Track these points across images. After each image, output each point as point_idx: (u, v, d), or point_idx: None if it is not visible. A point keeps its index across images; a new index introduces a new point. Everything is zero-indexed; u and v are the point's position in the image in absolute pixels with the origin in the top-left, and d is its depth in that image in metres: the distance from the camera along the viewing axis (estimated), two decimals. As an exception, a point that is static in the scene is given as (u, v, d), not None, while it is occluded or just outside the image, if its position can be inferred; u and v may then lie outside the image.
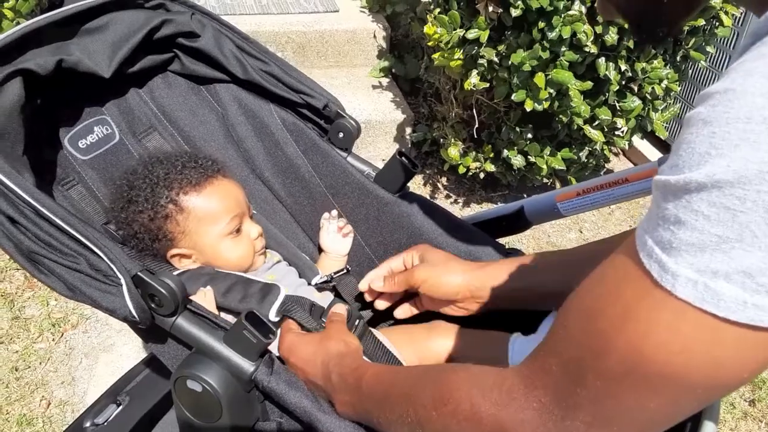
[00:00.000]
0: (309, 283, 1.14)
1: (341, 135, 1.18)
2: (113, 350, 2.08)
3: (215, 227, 1.07)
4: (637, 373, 0.47)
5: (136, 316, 0.84)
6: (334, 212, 1.20)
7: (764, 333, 0.42)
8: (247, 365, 0.83)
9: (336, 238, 1.19)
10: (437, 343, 1.05)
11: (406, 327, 1.10)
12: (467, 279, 0.99)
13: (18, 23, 1.77)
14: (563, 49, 2.05)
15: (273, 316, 0.98)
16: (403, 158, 1.13)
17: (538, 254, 1.01)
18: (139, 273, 0.83)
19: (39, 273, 0.87)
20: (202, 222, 1.07)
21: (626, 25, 0.67)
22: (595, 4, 0.69)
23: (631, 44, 2.11)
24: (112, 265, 0.82)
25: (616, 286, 0.49)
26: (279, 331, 0.96)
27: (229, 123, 1.24)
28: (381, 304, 1.09)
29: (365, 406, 0.79)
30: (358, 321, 1.03)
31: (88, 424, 1.21)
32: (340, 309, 1.02)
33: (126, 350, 2.07)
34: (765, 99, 0.40)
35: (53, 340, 2.10)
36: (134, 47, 1.10)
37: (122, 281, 0.82)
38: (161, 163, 1.09)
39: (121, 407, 1.26)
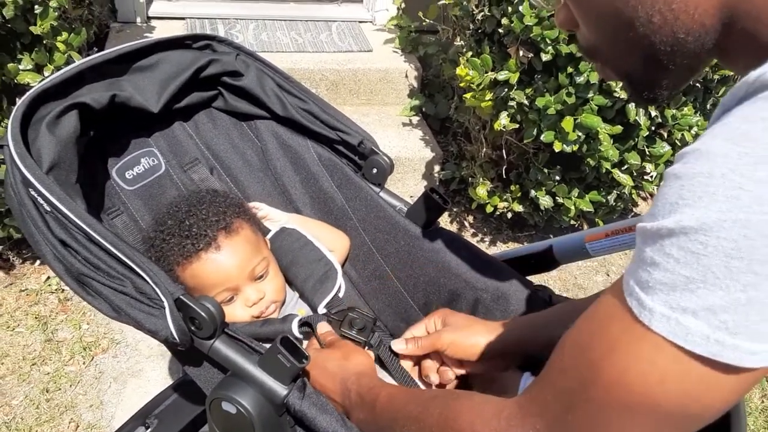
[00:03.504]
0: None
1: (375, 171, 1.23)
2: (141, 375, 2.12)
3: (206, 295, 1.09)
4: (621, 402, 0.52)
5: (177, 338, 0.88)
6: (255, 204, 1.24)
7: (724, 368, 0.47)
8: (280, 389, 0.87)
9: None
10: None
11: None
12: (491, 342, 1.02)
13: (69, 56, 1.86)
14: (591, 94, 2.09)
15: (296, 332, 1.03)
16: (434, 194, 1.17)
17: (556, 308, 1.05)
18: (181, 296, 0.87)
19: (86, 294, 0.92)
20: (193, 291, 1.09)
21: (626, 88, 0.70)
22: (595, 67, 0.72)
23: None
24: (156, 288, 0.87)
25: (604, 322, 0.54)
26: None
27: (267, 157, 1.29)
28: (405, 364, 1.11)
29: (378, 424, 0.84)
30: (374, 333, 1.07)
31: (118, 445, 1.24)
32: (324, 327, 1.07)
33: (154, 376, 2.11)
34: (724, 158, 0.46)
35: (84, 363, 2.15)
36: (182, 85, 1.17)
37: (165, 304, 0.87)
38: (174, 218, 1.11)
39: (149, 430, 1.29)
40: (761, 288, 0.44)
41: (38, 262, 2.40)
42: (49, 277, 2.37)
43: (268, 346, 0.89)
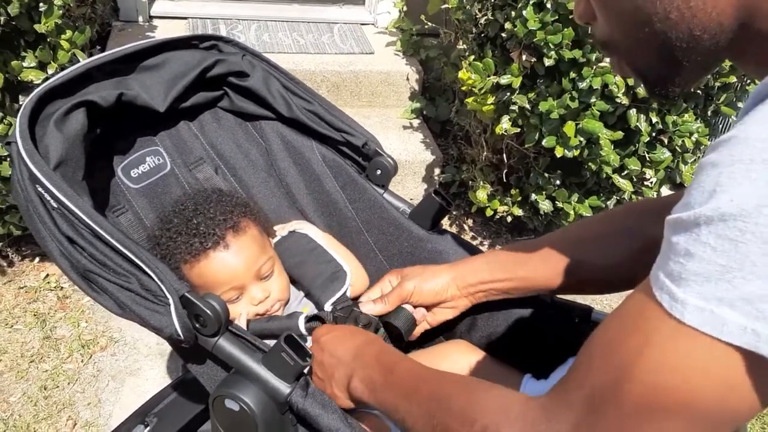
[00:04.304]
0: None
1: (379, 172, 1.23)
2: (140, 374, 2.12)
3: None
4: (655, 400, 0.51)
5: (181, 335, 0.88)
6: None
7: (760, 360, 0.46)
8: (283, 387, 0.87)
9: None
10: (455, 365, 1.08)
11: (428, 349, 1.15)
12: (452, 276, 1.06)
13: (73, 54, 1.86)
14: (593, 99, 2.10)
15: (303, 329, 1.04)
16: (438, 196, 1.17)
17: (517, 245, 1.08)
18: (186, 294, 0.88)
19: (91, 291, 0.93)
20: (198, 289, 1.09)
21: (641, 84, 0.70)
22: (609, 62, 0.72)
23: (660, 96, 2.15)
24: (161, 285, 0.87)
25: (634, 319, 0.53)
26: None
27: (272, 157, 1.30)
28: None
29: (389, 391, 0.83)
30: (378, 330, 1.09)
31: (116, 443, 1.24)
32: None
33: (152, 374, 2.11)
34: (764, 143, 0.45)
35: (82, 361, 2.15)
36: (188, 84, 1.17)
37: (170, 301, 0.87)
38: (180, 216, 1.11)
39: (148, 428, 1.30)
40: None
41: (37, 259, 2.41)
42: (48, 275, 2.37)
43: (271, 343, 0.90)
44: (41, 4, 1.76)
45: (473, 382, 0.87)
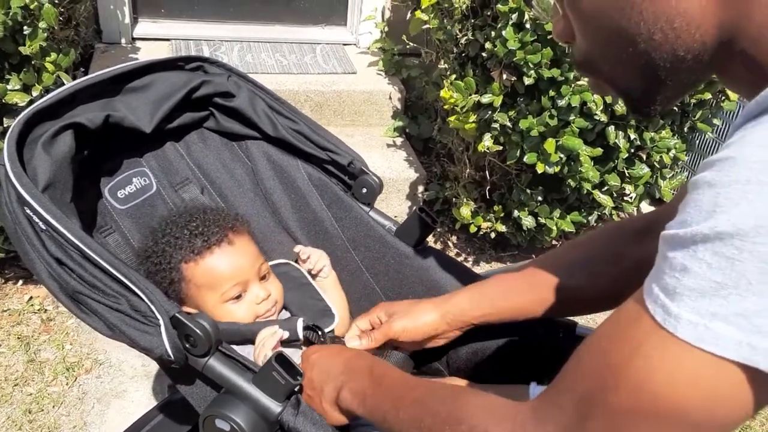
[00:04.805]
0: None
1: (364, 190, 1.25)
2: (125, 396, 2.10)
3: (214, 294, 1.12)
4: (643, 406, 0.52)
5: (172, 356, 0.88)
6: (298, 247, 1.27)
7: (754, 373, 0.47)
8: (274, 406, 0.88)
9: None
10: None
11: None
12: (440, 314, 1.06)
13: (58, 76, 1.87)
14: (572, 116, 2.13)
15: (300, 334, 1.06)
16: (423, 214, 1.19)
17: (500, 276, 1.09)
18: (176, 314, 0.88)
19: (80, 312, 0.93)
20: (201, 289, 1.12)
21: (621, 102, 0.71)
22: (587, 81, 0.73)
23: (638, 113, 2.19)
24: (151, 306, 0.88)
25: (626, 329, 0.54)
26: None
27: (258, 177, 1.31)
28: None
29: (379, 398, 0.84)
30: None
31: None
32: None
33: (138, 396, 2.09)
34: (760, 164, 0.47)
35: (67, 384, 2.13)
36: (174, 105, 1.18)
37: (161, 321, 0.88)
38: (176, 224, 1.13)
39: (135, 450, 1.29)
40: None
41: (21, 282, 2.39)
42: (31, 297, 2.35)
43: (260, 359, 0.90)
44: (26, 27, 1.77)
45: (461, 388, 0.88)
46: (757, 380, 0.48)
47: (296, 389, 0.90)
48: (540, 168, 2.21)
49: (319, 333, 1.07)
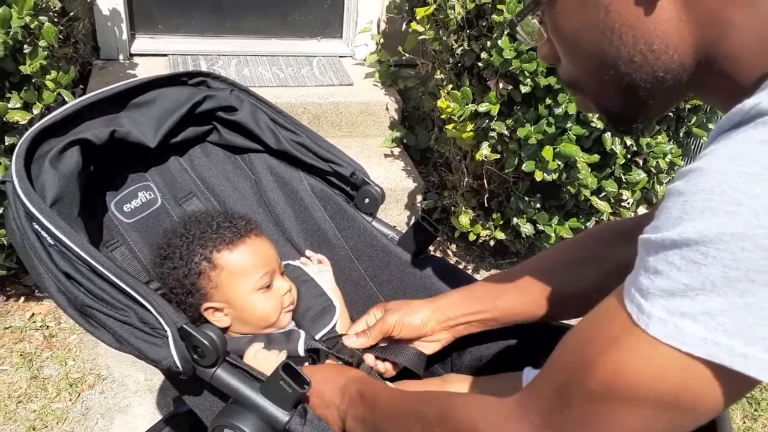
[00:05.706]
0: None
1: (367, 201, 1.26)
2: (129, 411, 2.10)
3: (247, 281, 1.13)
4: (618, 394, 0.56)
5: (180, 367, 0.89)
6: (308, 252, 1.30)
7: (718, 370, 0.50)
8: (281, 415, 0.88)
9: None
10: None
11: (420, 382, 1.17)
12: (431, 310, 1.10)
13: (59, 94, 1.88)
14: (569, 124, 2.16)
15: (301, 351, 1.07)
16: (425, 222, 1.21)
17: (491, 278, 1.13)
18: (184, 325, 0.89)
19: (89, 325, 0.94)
20: (234, 276, 1.13)
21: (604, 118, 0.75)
22: (575, 99, 0.77)
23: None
24: (159, 318, 0.89)
25: (605, 322, 0.59)
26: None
27: (261, 189, 1.32)
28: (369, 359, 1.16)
29: (376, 418, 0.87)
30: (360, 364, 1.12)
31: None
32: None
33: (142, 411, 2.09)
34: (724, 176, 0.50)
35: (70, 400, 2.13)
36: (178, 120, 1.20)
37: (168, 333, 0.89)
38: (198, 222, 1.16)
39: (142, 464, 1.29)
40: (758, 294, 0.48)
41: (22, 298, 2.39)
42: (33, 314, 2.36)
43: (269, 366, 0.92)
44: (26, 46, 1.79)
45: (449, 392, 0.92)
46: (722, 376, 0.51)
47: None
48: (538, 175, 2.22)
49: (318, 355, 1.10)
